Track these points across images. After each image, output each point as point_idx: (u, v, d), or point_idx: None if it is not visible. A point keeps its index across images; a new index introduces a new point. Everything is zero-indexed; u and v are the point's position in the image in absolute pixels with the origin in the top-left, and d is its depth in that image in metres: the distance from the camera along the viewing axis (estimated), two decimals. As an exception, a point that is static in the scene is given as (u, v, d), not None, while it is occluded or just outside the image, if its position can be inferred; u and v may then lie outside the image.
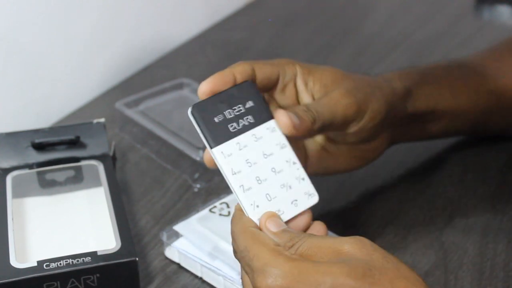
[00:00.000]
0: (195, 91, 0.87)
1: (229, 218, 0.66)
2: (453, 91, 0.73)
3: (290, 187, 0.55)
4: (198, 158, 0.75)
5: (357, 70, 0.97)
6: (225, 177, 0.54)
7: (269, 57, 0.63)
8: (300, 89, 0.63)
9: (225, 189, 0.73)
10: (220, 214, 0.67)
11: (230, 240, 0.63)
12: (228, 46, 1.05)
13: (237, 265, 0.61)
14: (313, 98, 0.62)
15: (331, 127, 0.61)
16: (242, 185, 0.54)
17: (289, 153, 0.56)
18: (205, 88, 0.56)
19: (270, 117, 0.56)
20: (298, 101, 0.63)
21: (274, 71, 0.61)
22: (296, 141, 0.61)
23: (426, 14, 1.14)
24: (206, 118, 0.55)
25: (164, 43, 1.03)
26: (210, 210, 0.67)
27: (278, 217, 0.54)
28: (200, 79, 0.88)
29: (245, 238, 0.52)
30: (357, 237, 0.50)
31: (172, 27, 1.05)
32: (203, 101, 0.56)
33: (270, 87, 0.62)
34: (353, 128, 0.62)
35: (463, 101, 0.73)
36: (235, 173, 0.54)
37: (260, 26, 1.11)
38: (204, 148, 0.75)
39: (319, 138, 0.65)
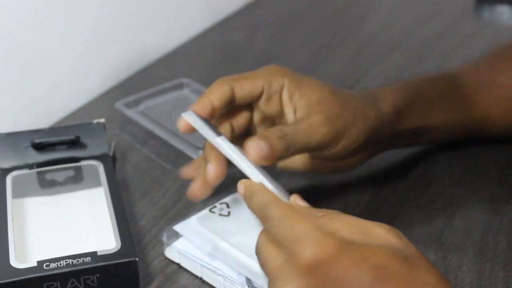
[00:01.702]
0: (195, 91, 0.87)
1: (229, 218, 0.67)
2: (444, 105, 0.73)
3: None
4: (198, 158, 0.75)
5: (357, 70, 0.98)
6: (238, 158, 0.57)
7: (269, 57, 0.64)
8: (284, 102, 0.63)
9: (225, 189, 0.73)
10: (220, 214, 0.67)
11: (230, 240, 0.63)
12: (228, 46, 1.05)
13: (237, 265, 0.61)
14: (295, 113, 0.62)
15: (301, 152, 0.62)
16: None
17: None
18: (182, 125, 0.61)
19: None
20: (282, 111, 0.63)
21: (257, 86, 0.62)
22: None
23: (426, 14, 1.14)
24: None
25: (164, 43, 1.03)
26: (210, 210, 0.67)
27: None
28: (200, 79, 0.89)
29: (281, 207, 0.51)
30: (390, 226, 0.49)
31: (172, 27, 1.05)
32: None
33: (254, 100, 0.63)
34: (325, 153, 0.63)
35: (453, 114, 0.73)
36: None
37: (260, 26, 1.11)
38: (203, 148, 0.75)
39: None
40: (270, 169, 0.58)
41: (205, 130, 0.59)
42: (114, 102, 0.84)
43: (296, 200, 0.53)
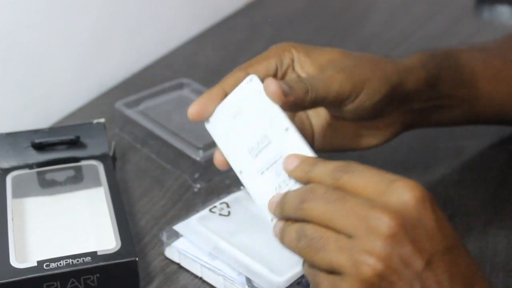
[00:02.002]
0: (195, 91, 0.87)
1: (229, 218, 0.67)
2: (473, 77, 0.71)
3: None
4: (198, 158, 0.75)
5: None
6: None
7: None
8: (298, 72, 0.62)
9: (225, 189, 0.73)
10: (220, 214, 0.67)
11: (230, 240, 0.63)
12: (228, 46, 1.05)
13: (237, 265, 0.61)
14: None
15: (324, 102, 0.59)
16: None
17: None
18: (193, 111, 0.57)
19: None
20: None
21: (271, 66, 0.61)
22: (302, 116, 0.62)
23: (426, 14, 1.14)
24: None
25: (164, 43, 1.03)
26: (210, 210, 0.67)
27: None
28: (200, 79, 0.89)
29: (363, 167, 0.50)
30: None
31: (172, 27, 1.05)
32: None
33: None
34: (349, 106, 0.61)
35: (482, 87, 0.72)
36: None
37: (260, 26, 1.11)
38: (203, 148, 0.75)
39: (324, 114, 0.64)
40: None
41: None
42: (114, 102, 0.84)
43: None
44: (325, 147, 0.65)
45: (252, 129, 0.55)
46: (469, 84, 0.71)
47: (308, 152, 0.53)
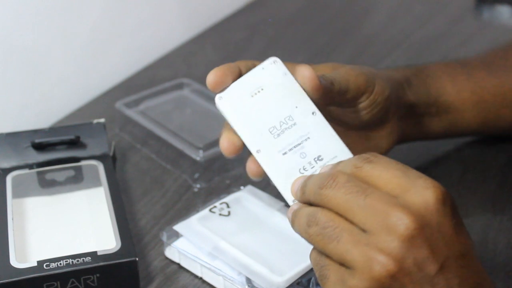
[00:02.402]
0: (195, 91, 0.87)
1: (229, 218, 0.67)
2: (455, 85, 0.73)
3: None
4: (198, 158, 0.75)
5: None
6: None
7: (269, 57, 0.63)
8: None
9: (225, 189, 0.73)
10: (220, 214, 0.67)
11: (230, 240, 0.63)
12: (228, 46, 1.05)
13: (237, 265, 0.61)
14: None
15: (346, 96, 0.60)
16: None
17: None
18: (213, 78, 0.56)
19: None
20: None
21: None
22: None
23: (426, 14, 1.14)
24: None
25: (164, 43, 1.03)
26: (210, 210, 0.67)
27: None
28: (200, 79, 0.89)
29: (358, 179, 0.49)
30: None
31: (172, 27, 1.05)
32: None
33: None
34: (366, 102, 0.62)
35: (466, 96, 0.73)
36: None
37: (260, 26, 1.11)
38: (203, 148, 0.75)
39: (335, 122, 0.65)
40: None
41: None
42: (114, 102, 0.84)
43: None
44: None
45: (274, 109, 0.55)
46: (452, 93, 0.72)
47: (335, 136, 0.54)
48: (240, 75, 0.57)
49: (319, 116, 0.55)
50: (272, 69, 0.56)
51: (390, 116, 0.66)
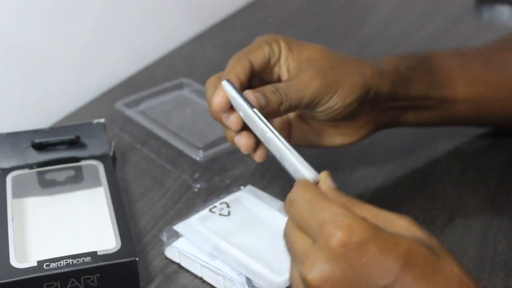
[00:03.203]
0: (195, 91, 0.87)
1: (229, 218, 0.67)
2: (451, 79, 0.72)
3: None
4: (198, 158, 0.75)
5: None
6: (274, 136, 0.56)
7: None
8: (281, 65, 0.65)
9: (225, 189, 0.73)
10: (220, 214, 0.67)
11: (230, 240, 0.63)
12: (228, 46, 1.05)
13: (237, 265, 0.61)
14: (288, 73, 0.64)
15: (298, 108, 0.62)
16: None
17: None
18: (219, 102, 0.59)
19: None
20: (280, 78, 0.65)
21: (265, 52, 0.64)
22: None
23: (426, 14, 1.14)
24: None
25: (164, 43, 1.03)
26: (210, 210, 0.67)
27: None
28: (200, 79, 0.89)
29: (308, 190, 0.50)
30: (411, 218, 0.49)
31: (172, 27, 1.05)
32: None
33: (266, 67, 0.64)
34: (321, 108, 0.63)
35: (461, 90, 0.73)
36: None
37: (260, 26, 1.11)
38: (203, 148, 0.75)
39: (299, 112, 0.67)
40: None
41: (239, 101, 0.58)
42: (114, 102, 0.84)
43: (327, 178, 0.52)
44: (300, 143, 0.67)
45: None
46: (446, 86, 0.72)
47: (290, 155, 0.55)
48: (240, 85, 0.60)
49: (271, 137, 0.56)
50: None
51: (364, 112, 0.66)
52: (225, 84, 0.59)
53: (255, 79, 0.64)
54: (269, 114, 0.59)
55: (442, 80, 0.72)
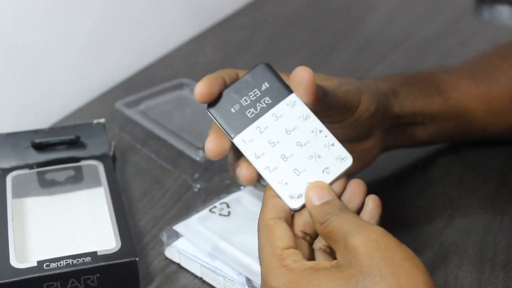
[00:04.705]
0: (195, 91, 0.87)
1: (229, 218, 0.67)
2: (442, 94, 0.73)
3: (319, 156, 0.54)
4: (198, 158, 0.75)
5: (357, 70, 0.98)
6: (251, 163, 0.55)
7: (269, 57, 0.63)
8: None
9: (225, 189, 0.73)
10: (220, 214, 0.67)
11: (230, 240, 0.64)
12: (228, 46, 1.05)
13: (237, 265, 0.61)
14: None
15: (333, 108, 0.60)
16: (267, 167, 0.55)
17: (314, 123, 0.55)
18: (201, 90, 0.56)
19: (289, 92, 0.56)
20: None
21: None
22: None
23: (426, 14, 1.14)
24: (223, 111, 0.56)
25: (164, 43, 1.03)
26: (210, 210, 0.67)
27: (326, 186, 0.54)
28: (200, 79, 0.89)
29: (261, 232, 0.54)
30: (370, 230, 0.50)
31: (172, 27, 1.05)
32: (218, 96, 0.56)
33: None
34: (350, 119, 0.62)
35: (453, 105, 0.73)
36: (258, 157, 0.55)
37: (260, 26, 1.11)
38: (203, 148, 0.75)
39: None
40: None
41: (222, 127, 0.56)
42: (114, 102, 0.84)
43: (309, 194, 0.53)
44: None
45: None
46: (436, 102, 0.72)
47: (327, 136, 0.55)
48: (225, 85, 0.57)
49: (313, 119, 0.55)
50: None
51: (375, 130, 0.66)
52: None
53: None
54: (318, 97, 0.56)
55: (433, 95, 0.72)
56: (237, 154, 0.58)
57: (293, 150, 0.55)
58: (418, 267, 0.48)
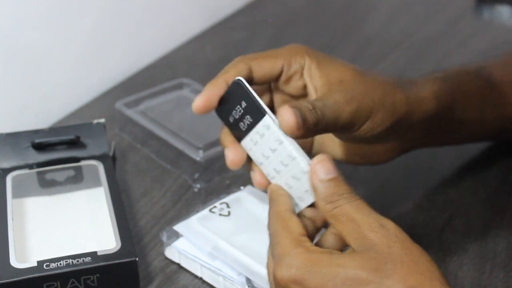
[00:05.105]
0: (195, 91, 0.87)
1: (229, 218, 0.67)
2: (483, 100, 0.71)
3: (298, 179, 0.54)
4: (198, 158, 0.75)
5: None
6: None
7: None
8: (306, 81, 0.60)
9: (225, 189, 0.73)
10: (220, 214, 0.67)
11: (230, 240, 0.64)
12: (228, 46, 1.05)
13: (237, 265, 0.61)
14: (316, 93, 0.60)
15: (330, 131, 0.58)
16: (268, 174, 0.56)
17: (286, 149, 0.54)
18: (198, 105, 0.56)
19: (263, 114, 0.54)
20: (305, 92, 0.60)
21: (277, 66, 0.59)
22: None
23: (426, 14, 1.14)
24: (225, 118, 0.57)
25: (164, 43, 1.03)
26: (210, 210, 0.67)
27: (331, 162, 0.53)
28: (200, 79, 0.89)
29: (275, 222, 0.53)
30: (385, 223, 0.50)
31: (172, 27, 1.05)
32: (221, 99, 0.56)
33: (273, 79, 0.60)
34: (350, 134, 0.60)
35: (489, 110, 0.71)
36: (260, 164, 0.56)
37: (260, 26, 1.11)
38: (203, 148, 0.75)
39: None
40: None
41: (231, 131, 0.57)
42: (114, 102, 0.84)
43: (316, 167, 0.52)
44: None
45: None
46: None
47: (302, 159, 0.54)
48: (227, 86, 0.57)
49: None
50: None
51: (391, 139, 0.63)
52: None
53: (277, 94, 0.61)
54: (303, 134, 0.54)
55: (474, 102, 0.70)
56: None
57: (280, 167, 0.55)
58: (433, 263, 0.49)
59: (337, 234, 0.53)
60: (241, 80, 0.56)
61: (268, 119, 0.54)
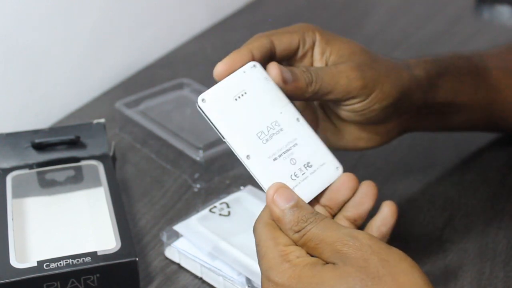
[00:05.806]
0: (195, 91, 0.87)
1: (229, 218, 0.67)
2: (475, 84, 0.71)
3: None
4: (198, 158, 0.75)
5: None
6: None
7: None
8: (315, 58, 0.61)
9: (225, 189, 0.73)
10: (220, 214, 0.67)
11: (230, 240, 0.64)
12: (228, 46, 1.04)
13: (237, 265, 0.61)
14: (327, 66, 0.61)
15: (330, 96, 0.58)
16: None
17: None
18: (221, 68, 0.55)
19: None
20: None
21: (294, 40, 0.60)
22: (309, 108, 0.62)
23: (426, 14, 1.14)
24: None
25: (164, 43, 1.03)
26: (210, 210, 0.67)
27: (288, 189, 0.53)
28: (200, 79, 0.89)
29: (261, 231, 0.52)
30: (356, 235, 0.50)
31: (172, 27, 1.05)
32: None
33: (291, 55, 0.60)
34: (357, 105, 0.60)
35: (482, 95, 0.71)
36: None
37: (260, 26, 1.10)
38: (203, 148, 0.75)
39: (329, 113, 0.64)
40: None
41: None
42: (114, 102, 0.84)
43: (275, 198, 0.53)
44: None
45: (260, 114, 0.55)
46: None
47: (321, 144, 0.56)
48: (252, 58, 0.56)
49: (303, 123, 0.55)
50: (253, 73, 0.55)
51: (395, 116, 0.64)
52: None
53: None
54: (294, 92, 0.55)
55: (467, 86, 0.70)
56: None
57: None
58: (413, 267, 0.48)
59: (348, 218, 0.55)
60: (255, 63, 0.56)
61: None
